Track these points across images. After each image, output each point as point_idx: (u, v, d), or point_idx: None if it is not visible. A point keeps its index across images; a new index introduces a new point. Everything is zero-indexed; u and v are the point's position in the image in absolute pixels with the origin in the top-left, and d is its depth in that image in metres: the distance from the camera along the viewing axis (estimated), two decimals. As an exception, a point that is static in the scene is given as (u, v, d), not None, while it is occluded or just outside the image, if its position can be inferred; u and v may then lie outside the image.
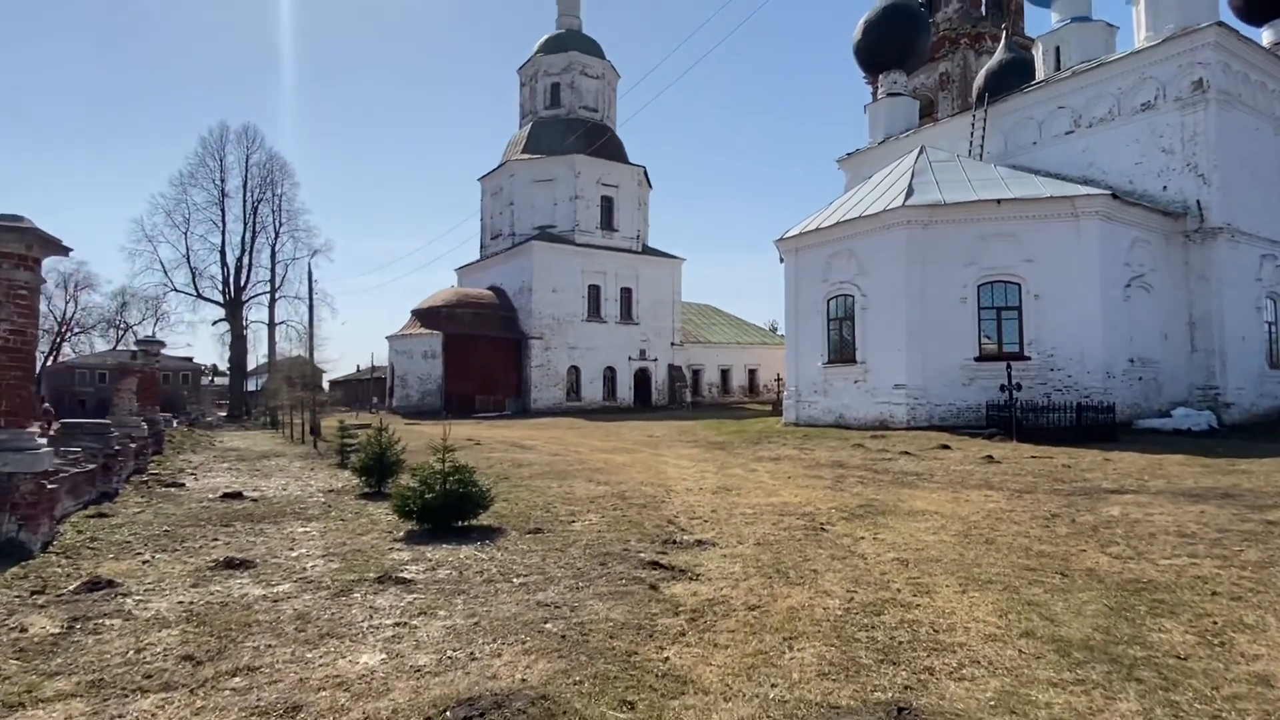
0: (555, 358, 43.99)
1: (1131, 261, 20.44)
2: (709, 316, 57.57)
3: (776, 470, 13.18)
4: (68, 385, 67.10)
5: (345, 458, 14.70)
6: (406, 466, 10.49)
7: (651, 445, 18.88)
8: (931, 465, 13.10)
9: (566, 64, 49.03)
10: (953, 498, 9.69)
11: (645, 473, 13.04)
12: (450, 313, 44.01)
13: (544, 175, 46.37)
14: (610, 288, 46.49)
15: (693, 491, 10.71)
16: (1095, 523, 7.81)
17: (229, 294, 50.54)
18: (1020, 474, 11.83)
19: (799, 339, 23.57)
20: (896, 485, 10.97)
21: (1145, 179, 22.19)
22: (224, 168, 50.12)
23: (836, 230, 22.07)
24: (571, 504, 9.42)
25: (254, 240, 51.17)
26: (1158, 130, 21.95)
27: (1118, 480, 10.86)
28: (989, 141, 26.22)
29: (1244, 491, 9.51)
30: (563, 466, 14.04)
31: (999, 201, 19.56)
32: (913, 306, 20.05)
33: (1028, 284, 19.59)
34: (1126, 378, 19.93)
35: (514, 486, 11.12)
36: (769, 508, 9.12)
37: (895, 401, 20.18)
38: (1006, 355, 19.39)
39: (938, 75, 48.29)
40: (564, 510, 8.93)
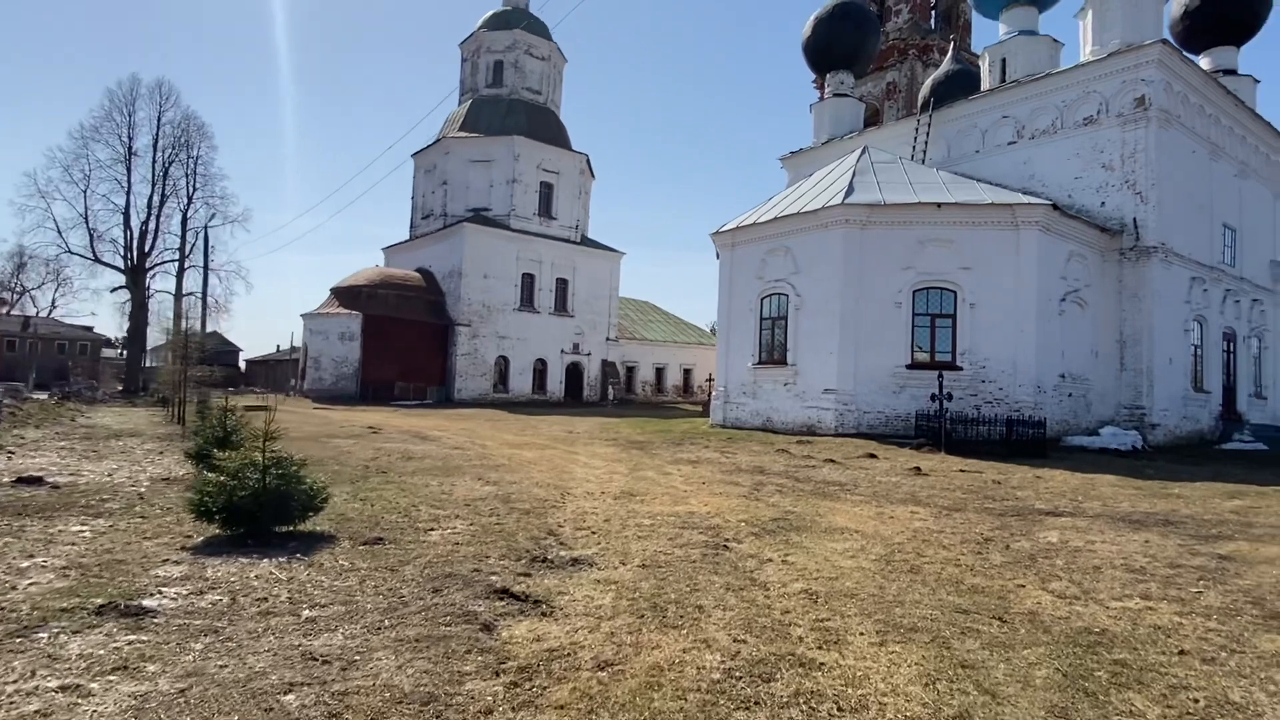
0: (483, 347, 42.11)
1: (1068, 275, 20.12)
2: (647, 313, 56.50)
3: (692, 475, 12.01)
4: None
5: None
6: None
7: (568, 442, 17.53)
8: (856, 475, 12.15)
9: (511, 42, 47.10)
10: (876, 513, 8.67)
11: (548, 472, 11.69)
12: (372, 293, 41.64)
13: (481, 155, 44.38)
14: (545, 277, 44.84)
15: (593, 496, 9.42)
16: (1033, 550, 6.85)
17: (131, 260, 46.85)
18: (949, 489, 10.95)
19: (730, 338, 22.58)
20: (817, 496, 9.92)
21: (1084, 194, 21.98)
22: (133, 124, 46.32)
23: (774, 226, 21.14)
24: (441, 507, 8.00)
25: (163, 204, 47.60)
26: (1099, 145, 21.75)
27: (1051, 500, 10.06)
28: (933, 148, 25.77)
29: (1184, 518, 8.77)
30: (458, 461, 12.56)
31: (939, 205, 18.93)
32: (847, 309, 19.25)
33: (964, 292, 19.02)
34: (1057, 393, 19.58)
35: (385, 483, 9.61)
36: (672, 518, 7.90)
37: (824, 407, 19.35)
38: (939, 364, 18.77)
39: (885, 84, 48.29)
40: (427, 515, 7.51)
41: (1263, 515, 9.11)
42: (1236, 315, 24.38)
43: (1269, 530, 8.12)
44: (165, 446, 13.90)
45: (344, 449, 13.96)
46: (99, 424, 19.90)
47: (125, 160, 46.30)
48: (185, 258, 49.07)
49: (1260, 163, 26.11)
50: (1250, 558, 6.76)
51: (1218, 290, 23.33)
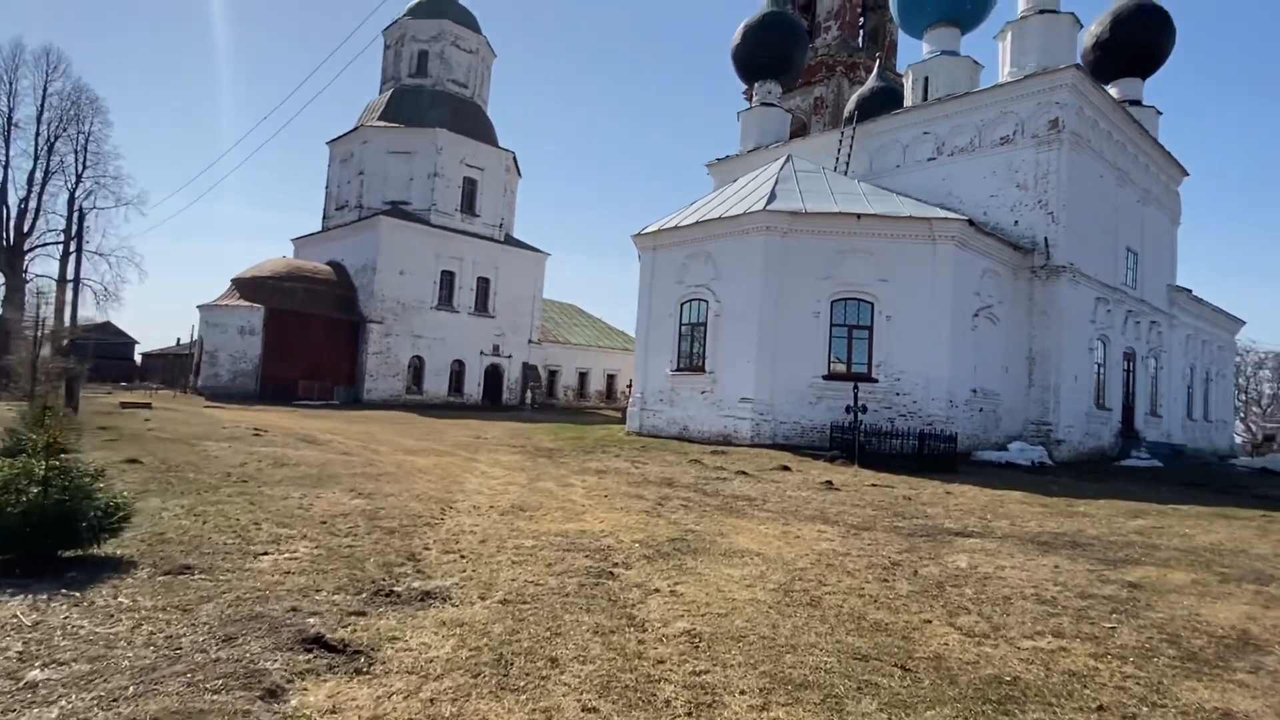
0: (397, 345, 40.25)
1: (981, 291, 20.36)
2: (572, 316, 55.54)
3: (596, 486, 11.23)
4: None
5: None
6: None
7: (471, 448, 16.48)
8: (767, 489, 11.63)
9: (438, 32, 45.49)
10: (782, 532, 8.09)
11: (437, 482, 10.70)
12: (278, 285, 39.28)
13: (402, 146, 42.57)
14: (466, 275, 43.31)
15: (478, 511, 8.52)
16: (941, 577, 6.36)
17: (6, 240, 42.89)
18: (859, 505, 10.53)
19: (649, 344, 21.95)
20: (724, 512, 9.29)
21: (999, 211, 22.38)
22: (14, 93, 42.46)
23: (696, 230, 20.65)
24: (290, 525, 6.95)
25: (46, 180, 43.81)
26: (1014, 165, 22.20)
27: (960, 519, 9.73)
28: (855, 161, 25.89)
29: (1091, 540, 8.53)
30: (338, 470, 11.41)
31: (859, 216, 18.81)
32: (766, 317, 18.90)
33: (880, 304, 18.95)
34: (969, 408, 19.74)
35: (237, 495, 8.44)
36: (559, 538, 7.09)
37: (741, 416, 18.92)
38: (855, 376, 18.60)
39: (813, 99, 48.89)
40: (266, 535, 6.46)
41: (1165, 536, 8.99)
42: (1136, 336, 25.36)
43: (1174, 553, 7.93)
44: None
45: (212, 453, 12.56)
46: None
47: (3, 131, 42.44)
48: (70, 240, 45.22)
49: (1161, 191, 27.37)
50: (1159, 585, 6.45)
51: (1120, 311, 24.19)
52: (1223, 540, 8.90)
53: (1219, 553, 8.11)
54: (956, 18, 26.09)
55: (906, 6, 27.54)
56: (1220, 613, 5.62)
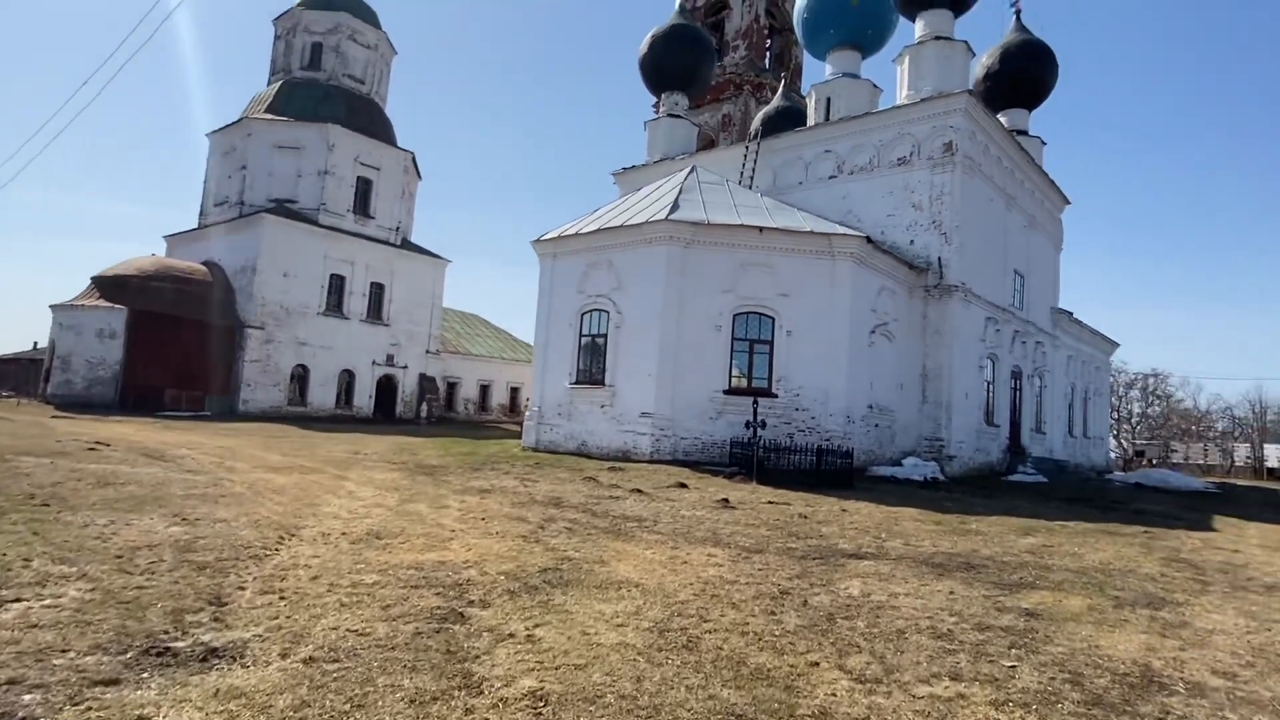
0: (279, 353, 37.55)
1: (878, 308, 20.59)
2: (474, 326, 53.78)
3: (475, 508, 10.25)
4: None
5: None
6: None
7: (344, 465, 15.08)
8: (660, 509, 10.96)
9: (334, 24, 43.26)
10: (669, 557, 7.40)
11: (289, 505, 9.45)
12: (145, 285, 35.97)
13: (290, 141, 40.03)
14: (359, 280, 41.02)
15: (327, 538, 7.42)
16: (832, 607, 5.81)
17: None
18: (754, 524, 10.01)
19: (548, 355, 21.07)
20: (610, 536, 8.54)
21: (895, 231, 22.83)
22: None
23: (598, 238, 19.98)
24: (73, 560, 5.69)
25: None
26: (910, 186, 22.72)
27: (855, 539, 9.35)
28: (759, 176, 25.97)
29: (984, 561, 8.27)
30: (171, 491, 9.94)
31: (761, 229, 18.64)
32: (667, 330, 18.40)
33: (781, 318, 18.80)
34: (865, 424, 19.84)
35: (28, 521, 7.01)
36: (412, 571, 6.14)
37: (640, 431, 18.29)
38: (755, 391, 18.33)
39: (721, 116, 49.53)
40: (31, 575, 5.22)
41: (1057, 556, 8.87)
42: (1023, 355, 26.46)
43: (1066, 575, 7.73)
44: None
45: (23, 471, 10.78)
46: None
47: None
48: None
49: (1045, 217, 28.83)
50: (1056, 612, 6.12)
51: (1008, 330, 25.15)
52: (1110, 559, 8.86)
53: (1108, 573, 7.99)
54: (857, 41, 26.70)
55: (810, 29, 28.00)
56: (1119, 644, 5.29)
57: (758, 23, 48.62)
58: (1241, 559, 9.79)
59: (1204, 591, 7.43)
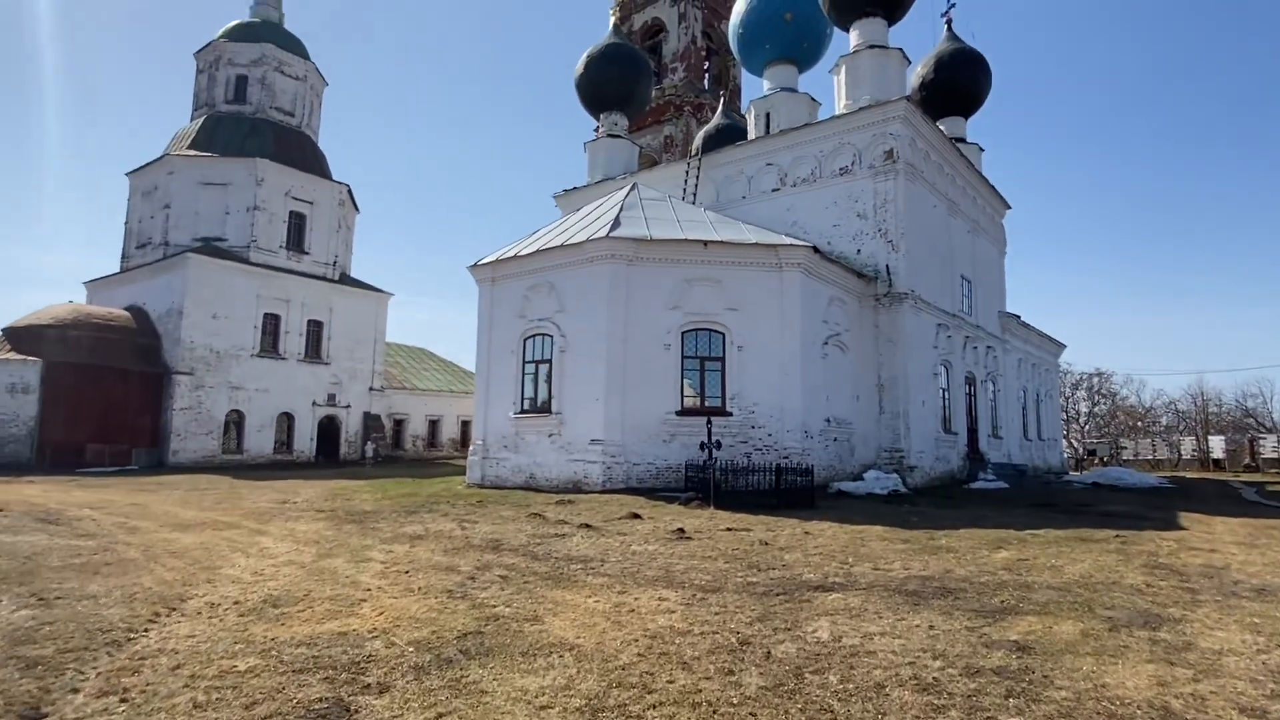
0: (210, 399, 35.52)
1: (829, 319, 20.15)
2: (421, 360, 52.17)
3: (401, 559, 9.19)
4: None
5: None
6: None
7: (265, 517, 13.77)
8: (609, 545, 10.04)
9: (259, 56, 41.85)
10: (614, 606, 6.50)
11: (183, 571, 8.26)
12: (62, 334, 33.75)
13: (216, 178, 38.33)
14: (295, 319, 39.26)
15: (214, 610, 6.33)
16: (799, 658, 4.98)
17: None
18: (711, 556, 9.17)
19: (490, 384, 20.04)
20: (549, 583, 7.59)
21: (842, 241, 22.53)
22: None
23: (538, 259, 19.14)
24: None
25: None
26: (853, 195, 22.50)
27: (820, 566, 8.57)
28: (702, 192, 25.56)
29: (961, 584, 7.57)
30: (47, 562, 8.65)
31: (705, 243, 18.05)
32: (614, 351, 17.58)
33: (731, 334, 18.18)
34: (823, 438, 19.27)
35: None
36: (302, 648, 5.12)
37: (591, 460, 17.36)
38: (708, 410, 17.60)
39: (663, 137, 49.42)
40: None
41: (1035, 571, 8.23)
42: (975, 360, 26.37)
43: (1050, 594, 7.07)
44: None
45: None
46: None
47: None
48: None
49: (988, 222, 29.02)
50: (1048, 643, 5.40)
51: (959, 336, 25.02)
52: (1090, 571, 8.26)
53: (1093, 588, 7.36)
54: (793, 56, 26.65)
55: (746, 45, 27.90)
56: (1127, 680, 4.58)
57: (695, 44, 48.79)
58: (1221, 560, 9.32)
59: (1196, 603, 6.83)
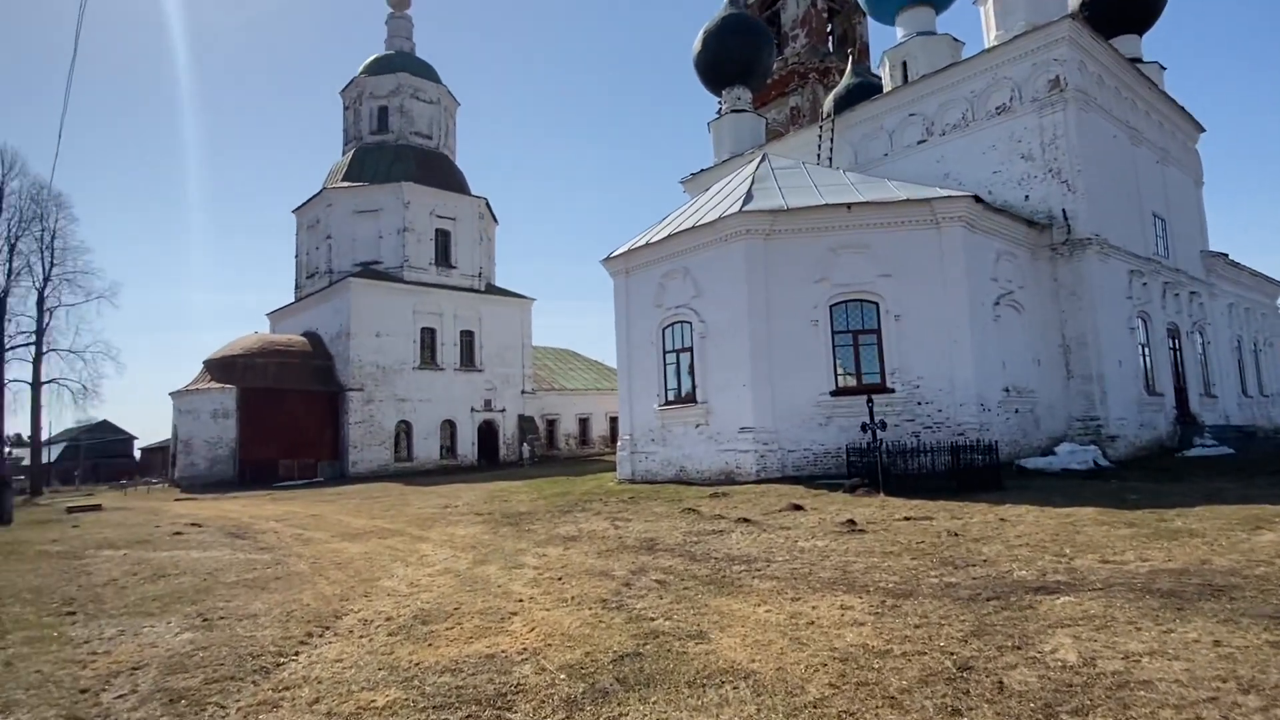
0: (380, 412, 37.96)
1: (999, 276, 17.97)
2: (567, 361, 53.27)
3: (555, 563, 8.76)
4: None
5: None
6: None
7: (427, 523, 14.01)
8: (773, 542, 9.10)
9: (395, 86, 44.23)
10: (789, 617, 5.60)
11: (344, 584, 8.26)
12: (250, 363, 37.24)
13: (367, 205, 40.90)
14: (448, 330, 41.18)
15: (365, 628, 6.10)
16: (1046, 692, 3.84)
17: (-28, 347, 41.04)
18: (892, 551, 8.01)
19: (632, 378, 19.57)
20: (712, 588, 6.80)
21: (1005, 188, 20.11)
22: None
23: (669, 245, 18.42)
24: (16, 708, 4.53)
25: (10, 283, 42.10)
26: (1015, 135, 20.00)
27: (1031, 560, 7.19)
28: (838, 156, 23.81)
29: (1228, 576, 5.98)
30: (223, 579, 8.97)
31: (849, 206, 16.55)
32: (757, 332, 16.51)
33: (886, 302, 16.55)
34: (1003, 410, 17.18)
35: (24, 641, 6.02)
36: (447, 675, 4.65)
37: (742, 449, 16.41)
38: (867, 388, 16.09)
39: (788, 110, 47.30)
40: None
41: (1333, 560, 6.43)
42: (1177, 310, 22.79)
43: (1371, 591, 5.38)
44: None
45: (86, 570, 10.17)
46: None
47: (-39, 237, 40.86)
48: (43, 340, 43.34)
49: (1179, 149, 25.07)
50: None
51: (1156, 283, 21.69)
52: None
53: None
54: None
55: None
56: None
57: (815, 6, 46.27)
58: None
59: None
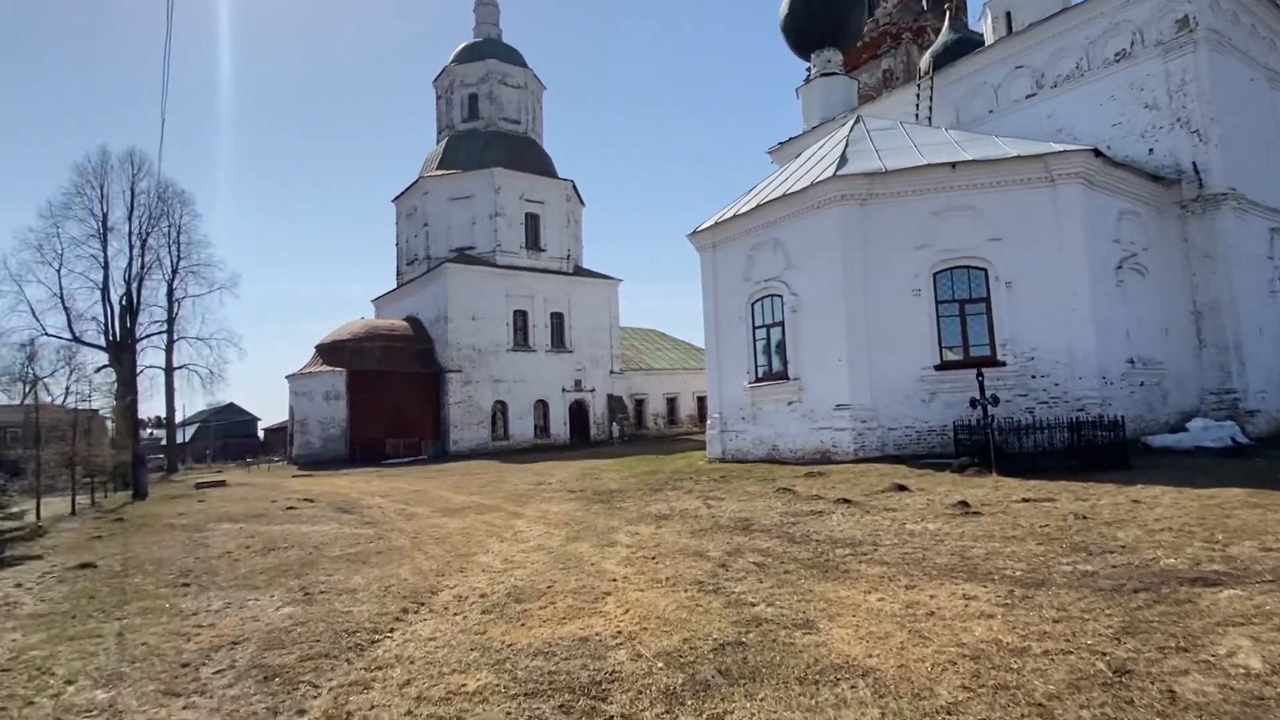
0: (477, 393, 38.99)
1: (1121, 237, 16.44)
2: (653, 341, 53.16)
3: (647, 541, 8.54)
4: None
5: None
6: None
7: (522, 499, 14.13)
8: (878, 524, 8.56)
9: (484, 73, 44.87)
10: (905, 606, 5.14)
11: (440, 559, 8.31)
12: (357, 347, 38.93)
13: (461, 192, 41.81)
14: (539, 313, 41.78)
15: (460, 604, 6.05)
16: (1231, 706, 3.27)
17: (112, 336, 44.70)
18: (1014, 535, 7.35)
19: (721, 355, 19.10)
20: (815, 573, 6.40)
21: (1126, 142, 18.37)
22: (106, 197, 44.26)
23: (759, 215, 17.77)
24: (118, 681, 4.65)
25: (144, 276, 45.48)
26: (1137, 83, 18.19)
27: (1179, 547, 6.40)
28: (938, 115, 22.39)
29: None
30: (327, 554, 9.22)
31: (954, 165, 15.44)
32: (854, 304, 15.73)
33: (995, 269, 15.41)
34: (1126, 383, 15.79)
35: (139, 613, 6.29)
36: (540, 658, 4.48)
37: (838, 427, 15.73)
38: (976, 361, 15.08)
39: (881, 72, 45.16)
40: (47, 710, 4.17)
41: None
42: (1329, 270, 20.32)
43: None
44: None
45: (204, 543, 10.72)
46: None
47: (100, 235, 44.13)
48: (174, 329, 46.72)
49: (1329, 90, 22.27)
50: None
51: (1303, 241, 19.40)
52: None
53: None
54: (1036, -64, 22.26)
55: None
56: None
57: (909, -39, 43.77)
58: None
59: None
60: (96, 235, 44.15)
